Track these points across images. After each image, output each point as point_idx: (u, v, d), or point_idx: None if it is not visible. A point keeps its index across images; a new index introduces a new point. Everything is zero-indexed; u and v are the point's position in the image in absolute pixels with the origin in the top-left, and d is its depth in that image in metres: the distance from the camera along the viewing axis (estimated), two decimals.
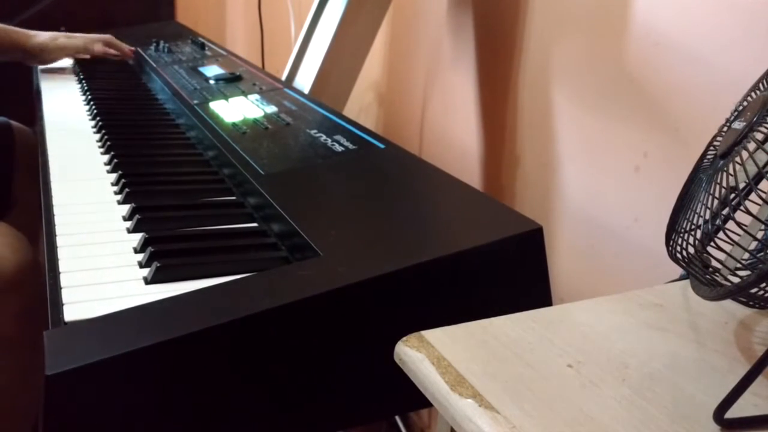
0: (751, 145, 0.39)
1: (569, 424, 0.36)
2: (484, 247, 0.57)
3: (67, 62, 1.46)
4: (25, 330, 0.91)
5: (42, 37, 1.31)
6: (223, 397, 0.50)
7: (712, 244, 0.41)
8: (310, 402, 0.53)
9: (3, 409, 0.92)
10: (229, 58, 1.34)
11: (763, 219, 0.39)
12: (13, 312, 0.90)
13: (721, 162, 0.42)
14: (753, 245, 0.41)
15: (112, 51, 1.41)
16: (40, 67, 1.39)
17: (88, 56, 1.39)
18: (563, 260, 0.94)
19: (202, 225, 0.69)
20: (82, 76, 1.32)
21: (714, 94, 0.70)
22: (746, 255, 0.40)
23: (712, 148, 0.46)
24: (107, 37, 1.42)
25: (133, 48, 1.46)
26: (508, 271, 0.59)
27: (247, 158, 0.79)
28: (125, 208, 0.72)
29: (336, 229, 0.61)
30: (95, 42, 1.38)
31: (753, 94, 0.44)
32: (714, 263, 0.41)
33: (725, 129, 0.44)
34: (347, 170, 0.75)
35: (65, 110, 1.11)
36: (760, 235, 0.40)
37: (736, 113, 0.44)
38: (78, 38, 1.36)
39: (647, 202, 0.80)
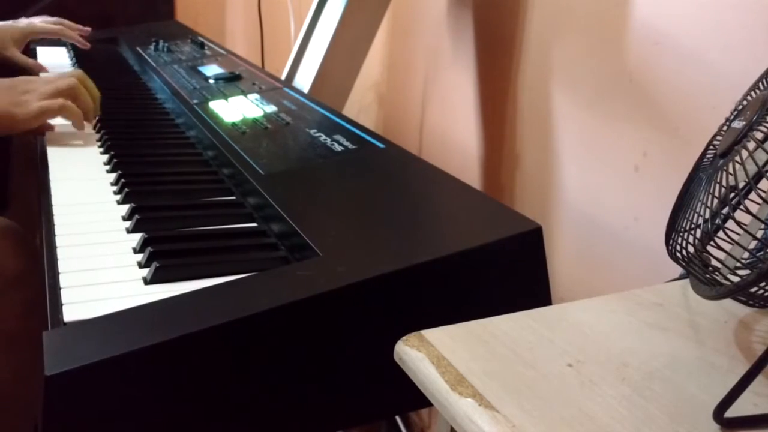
0: (751, 144, 0.39)
1: (569, 423, 0.36)
2: (484, 247, 0.57)
3: (66, 63, 1.46)
4: (26, 326, 0.91)
5: None
6: (222, 397, 0.50)
7: (711, 243, 0.41)
8: (309, 402, 0.53)
9: (5, 405, 0.92)
10: (228, 58, 1.34)
11: (762, 218, 0.39)
12: (16, 308, 0.90)
13: (721, 161, 0.42)
14: (753, 244, 0.41)
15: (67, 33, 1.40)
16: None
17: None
18: (563, 260, 0.94)
19: (201, 225, 0.69)
20: None
21: (714, 93, 0.70)
22: (746, 254, 0.40)
23: (711, 147, 0.46)
24: (54, 22, 1.40)
25: (87, 29, 1.43)
26: (508, 270, 0.59)
27: (247, 158, 0.79)
28: (124, 208, 0.72)
29: (335, 229, 0.61)
30: (47, 24, 1.36)
31: (753, 93, 0.44)
32: (714, 262, 0.41)
33: (725, 128, 0.44)
34: (347, 170, 0.75)
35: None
36: (759, 234, 0.40)
37: (735, 112, 0.44)
38: (24, 24, 1.34)
39: (647, 202, 0.80)
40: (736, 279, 0.37)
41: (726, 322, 0.47)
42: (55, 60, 1.46)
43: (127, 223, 0.69)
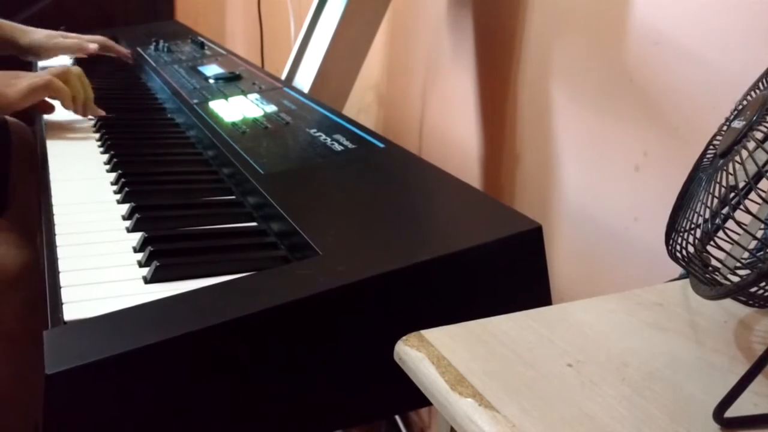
0: (751, 144, 0.39)
1: (569, 423, 0.36)
2: (484, 247, 0.57)
3: (66, 62, 1.46)
4: (27, 326, 0.92)
5: (38, 34, 1.32)
6: (222, 396, 0.50)
7: (711, 243, 0.41)
8: (309, 401, 0.53)
9: (5, 404, 0.92)
10: (228, 58, 1.34)
11: (762, 218, 0.39)
12: (16, 308, 0.90)
13: (721, 161, 0.42)
14: (753, 244, 0.41)
15: (109, 53, 1.42)
16: (40, 65, 1.39)
17: (84, 55, 1.40)
18: (563, 259, 0.94)
19: (201, 224, 0.69)
20: None
21: (714, 93, 0.70)
22: (746, 254, 0.40)
23: (711, 147, 0.46)
24: (102, 38, 1.42)
25: (130, 52, 1.46)
26: (508, 270, 0.59)
27: (247, 158, 0.79)
28: (124, 208, 0.72)
29: (335, 228, 0.61)
30: (90, 42, 1.38)
31: (752, 93, 0.44)
32: (714, 262, 0.41)
33: (725, 128, 0.44)
34: (347, 170, 0.75)
35: (64, 109, 1.11)
36: (759, 234, 0.40)
37: (735, 112, 0.44)
38: (73, 38, 1.37)
39: (647, 202, 0.80)
40: (735, 279, 0.37)
41: (726, 322, 0.47)
42: (56, 59, 1.46)
43: (127, 223, 0.69)
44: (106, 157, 0.88)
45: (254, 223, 0.70)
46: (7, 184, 1.22)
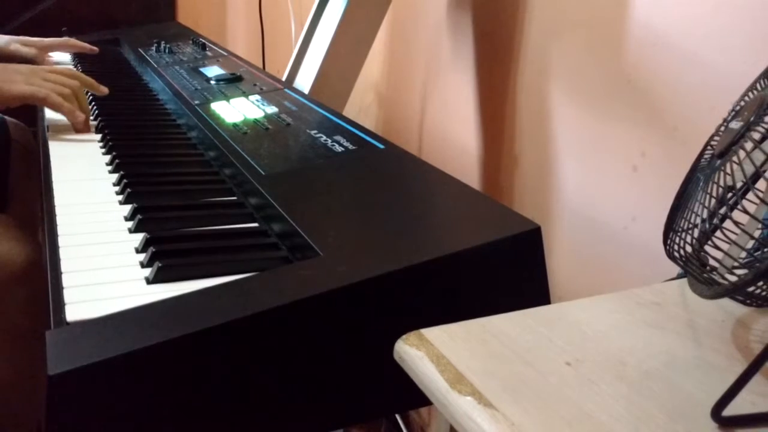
0: (749, 145, 0.39)
1: (568, 422, 0.36)
2: (483, 247, 0.57)
3: (67, 62, 1.46)
4: (32, 323, 0.92)
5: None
6: (224, 396, 0.50)
7: (709, 242, 0.41)
8: (310, 401, 0.54)
9: (12, 400, 0.92)
10: (229, 59, 1.34)
11: (760, 218, 0.39)
12: (22, 304, 0.91)
13: (719, 161, 0.42)
14: (750, 244, 0.41)
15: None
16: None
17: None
18: (562, 259, 0.94)
19: (203, 225, 0.69)
20: None
21: (712, 93, 0.70)
22: (743, 254, 0.40)
23: (709, 147, 0.47)
24: (64, 40, 1.43)
25: (95, 48, 1.46)
26: (507, 270, 0.59)
27: (248, 158, 0.79)
28: (126, 209, 0.72)
29: (336, 229, 0.62)
30: (49, 48, 1.38)
31: (750, 93, 0.45)
32: (711, 262, 0.42)
33: (723, 128, 0.45)
34: (347, 170, 0.76)
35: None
36: (757, 233, 0.40)
37: (733, 113, 0.45)
38: (32, 44, 1.36)
39: (645, 202, 0.80)
40: (733, 278, 0.37)
41: (724, 321, 0.47)
42: (57, 59, 1.46)
43: (130, 224, 0.69)
44: (108, 158, 0.89)
45: (255, 224, 0.71)
46: (6, 181, 1.22)
